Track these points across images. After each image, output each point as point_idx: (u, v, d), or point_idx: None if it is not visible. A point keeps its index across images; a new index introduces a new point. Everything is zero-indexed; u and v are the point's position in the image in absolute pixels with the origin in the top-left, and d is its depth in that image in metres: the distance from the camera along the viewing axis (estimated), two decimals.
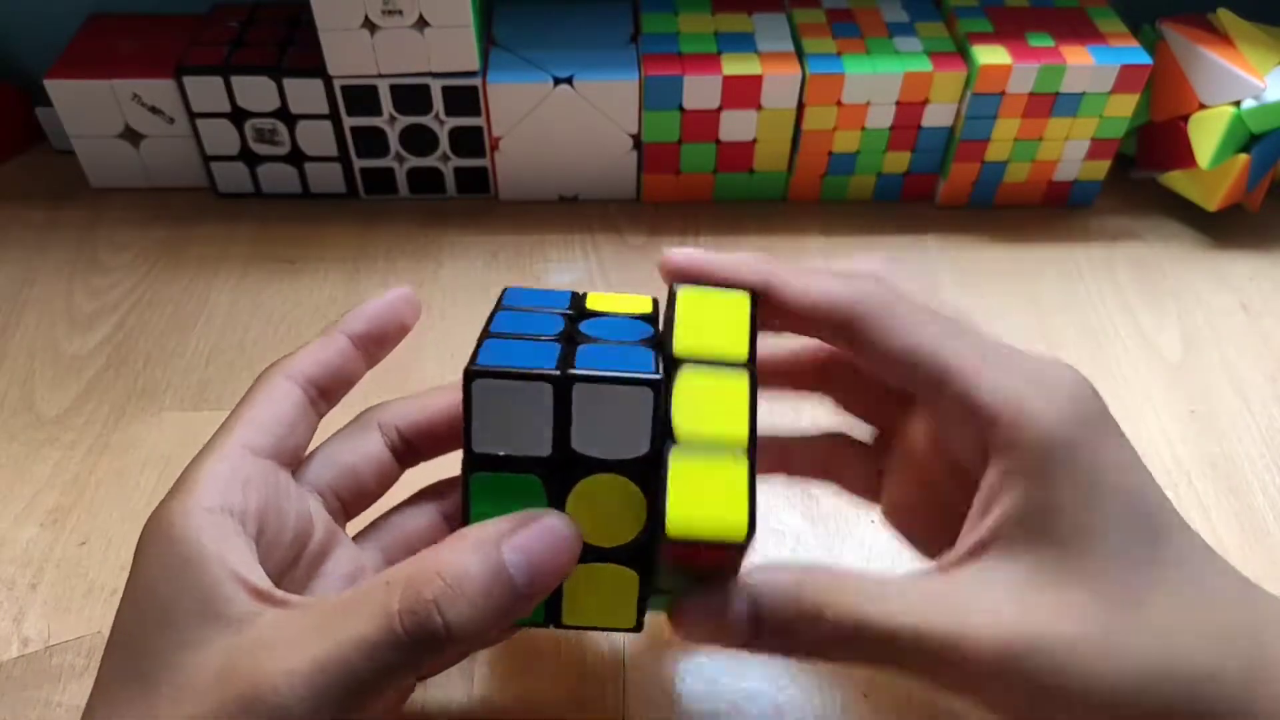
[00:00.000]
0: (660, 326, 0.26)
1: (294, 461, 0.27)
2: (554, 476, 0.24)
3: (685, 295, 0.25)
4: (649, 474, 0.23)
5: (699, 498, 0.23)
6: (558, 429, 0.23)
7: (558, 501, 0.24)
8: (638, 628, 0.26)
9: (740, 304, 0.25)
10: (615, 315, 0.27)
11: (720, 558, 0.23)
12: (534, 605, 0.23)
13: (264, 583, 0.23)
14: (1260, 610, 0.23)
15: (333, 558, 0.27)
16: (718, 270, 0.26)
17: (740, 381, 0.24)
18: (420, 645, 0.21)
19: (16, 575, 0.35)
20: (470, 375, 0.23)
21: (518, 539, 0.22)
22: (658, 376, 0.23)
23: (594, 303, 0.28)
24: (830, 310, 0.25)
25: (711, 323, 0.25)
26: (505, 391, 0.23)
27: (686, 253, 0.27)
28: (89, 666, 0.32)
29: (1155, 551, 0.23)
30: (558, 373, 0.23)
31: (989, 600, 0.23)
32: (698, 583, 0.24)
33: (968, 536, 0.24)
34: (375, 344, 0.29)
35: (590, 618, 0.25)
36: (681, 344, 0.24)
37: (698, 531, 0.22)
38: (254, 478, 0.25)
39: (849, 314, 0.25)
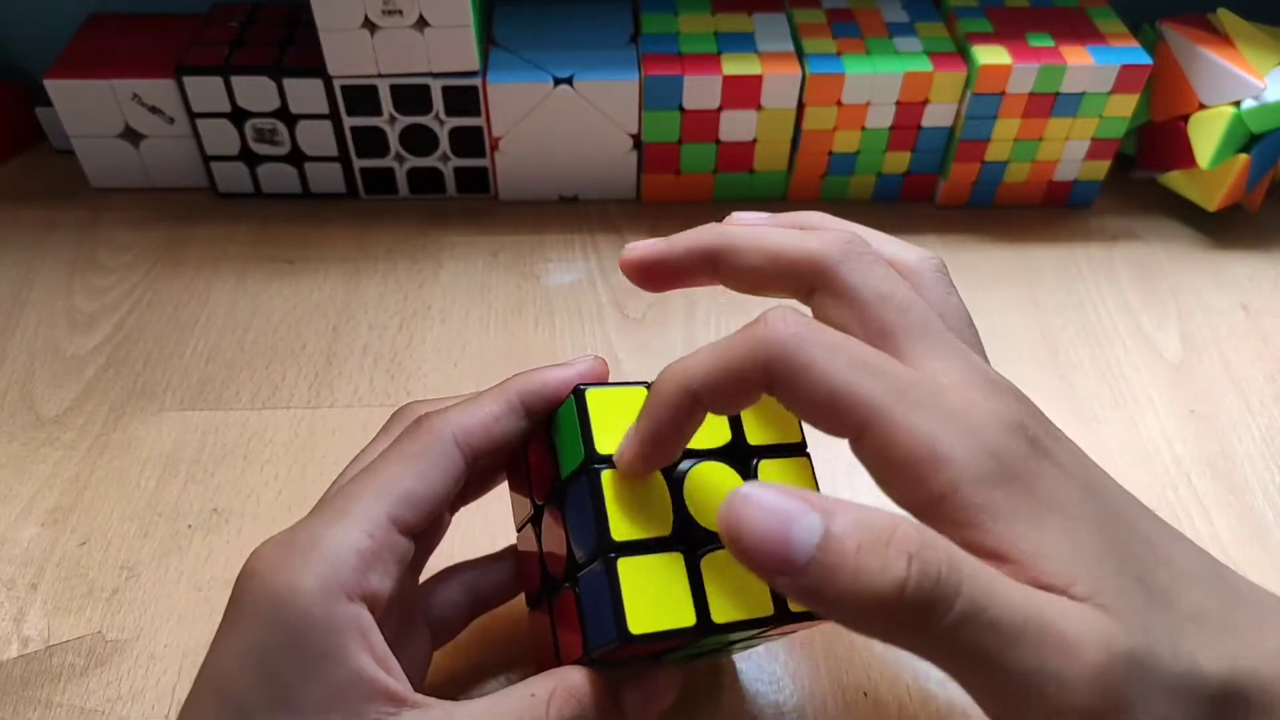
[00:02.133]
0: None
1: (432, 531, 0.26)
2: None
3: (593, 396, 0.26)
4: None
5: None
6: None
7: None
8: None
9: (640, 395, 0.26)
10: None
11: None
12: None
13: (398, 684, 0.22)
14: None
15: (413, 639, 0.27)
16: (676, 254, 0.26)
17: (804, 462, 0.27)
18: None
19: (16, 575, 0.35)
20: (624, 639, 0.23)
21: (638, 684, 0.25)
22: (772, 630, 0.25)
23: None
24: (786, 270, 0.24)
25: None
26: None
27: (643, 248, 0.26)
28: (89, 666, 0.32)
29: (1156, 568, 0.21)
30: (697, 626, 0.24)
31: (1075, 608, 0.20)
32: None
33: None
34: (543, 412, 0.27)
35: None
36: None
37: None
38: (391, 558, 0.23)
39: (807, 276, 0.24)
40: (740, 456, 0.26)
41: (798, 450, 0.27)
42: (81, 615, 0.34)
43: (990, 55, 0.46)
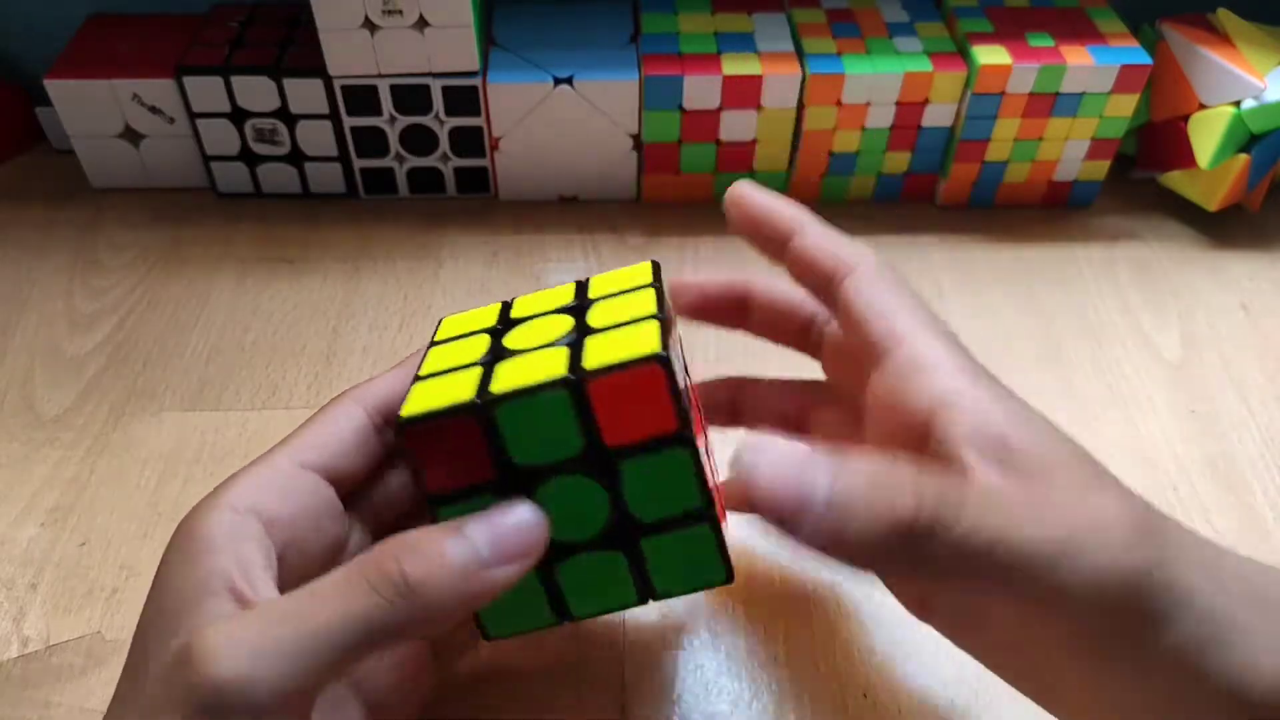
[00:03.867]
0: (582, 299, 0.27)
1: (347, 483, 0.26)
2: (509, 492, 0.24)
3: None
4: (595, 467, 0.24)
5: (610, 347, 0.23)
6: (495, 451, 0.24)
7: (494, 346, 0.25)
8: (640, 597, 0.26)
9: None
10: (540, 314, 0.27)
11: (646, 404, 0.23)
12: (504, 578, 0.23)
13: (252, 589, 0.23)
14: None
15: None
16: (765, 209, 0.28)
17: (647, 294, 0.26)
18: (385, 600, 0.21)
19: (16, 575, 0.35)
20: (399, 427, 0.24)
21: (481, 517, 0.23)
22: (572, 377, 0.23)
23: (520, 307, 0.28)
24: (830, 259, 0.27)
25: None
26: (439, 431, 0.23)
27: (746, 193, 0.29)
28: (89, 666, 0.32)
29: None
30: (479, 401, 0.23)
31: (1069, 481, 0.22)
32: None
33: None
34: None
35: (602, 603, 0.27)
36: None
37: (613, 359, 0.23)
38: (293, 488, 0.25)
39: (850, 265, 0.27)
40: (579, 312, 0.26)
41: (647, 287, 0.26)
42: (81, 615, 0.34)
43: (990, 55, 0.46)
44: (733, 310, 0.31)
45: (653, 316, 0.24)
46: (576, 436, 0.23)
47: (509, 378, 0.23)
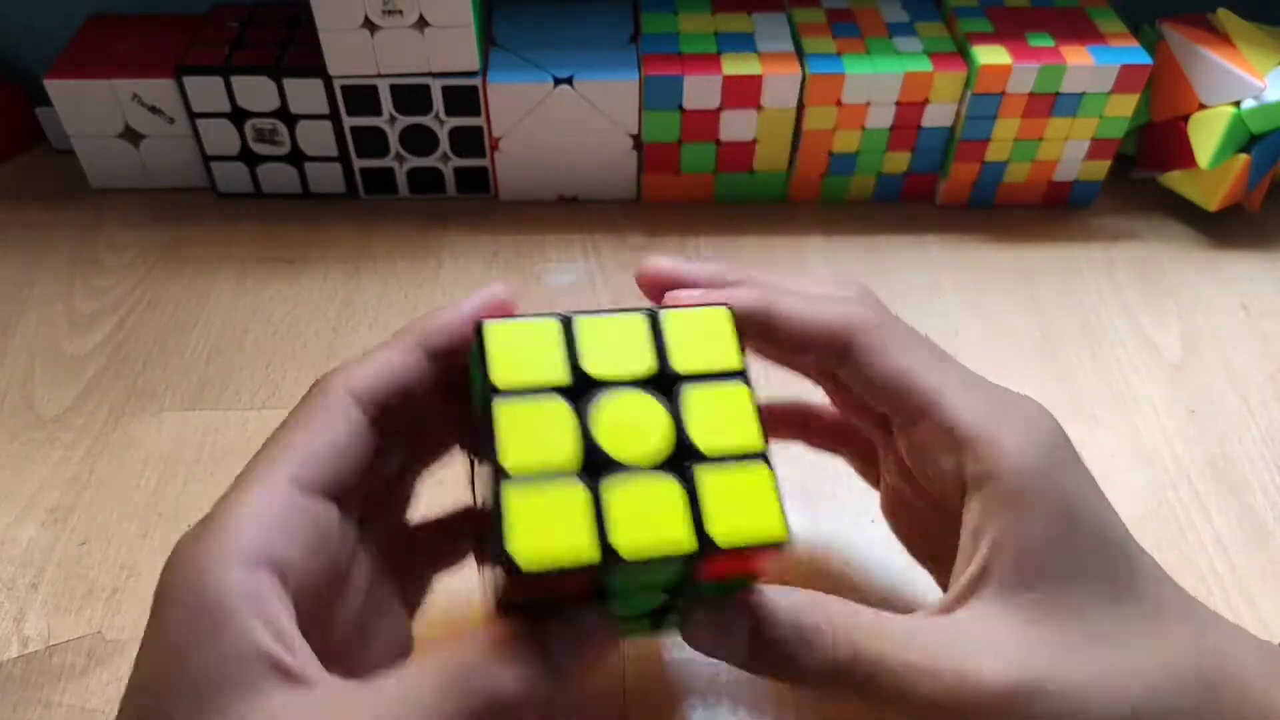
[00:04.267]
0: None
1: (350, 493, 0.24)
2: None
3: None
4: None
5: (733, 507, 0.22)
6: (596, 589, 0.23)
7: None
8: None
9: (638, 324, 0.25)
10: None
11: (754, 565, 0.23)
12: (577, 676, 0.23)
13: (290, 658, 0.21)
14: (1222, 644, 0.24)
15: (384, 619, 0.26)
16: (699, 282, 0.27)
17: (741, 391, 0.24)
18: None
19: (16, 575, 0.35)
20: (510, 569, 0.21)
21: (567, 636, 0.22)
22: (697, 551, 0.22)
23: (591, 353, 0.24)
24: (827, 331, 0.26)
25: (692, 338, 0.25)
26: (552, 577, 0.22)
27: (661, 265, 0.27)
28: (89, 666, 0.32)
29: (1130, 589, 0.24)
30: (603, 563, 0.21)
31: (991, 640, 0.23)
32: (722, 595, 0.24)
33: (960, 574, 0.24)
34: (455, 357, 0.25)
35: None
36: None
37: (741, 539, 0.22)
38: (298, 524, 0.22)
39: (846, 335, 0.26)
40: (667, 385, 0.23)
41: (735, 377, 0.24)
42: (81, 615, 0.34)
43: (990, 55, 0.46)
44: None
45: (760, 456, 0.23)
46: (678, 578, 0.23)
47: (627, 527, 0.22)
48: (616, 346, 0.24)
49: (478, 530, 0.27)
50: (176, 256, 0.48)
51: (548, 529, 0.21)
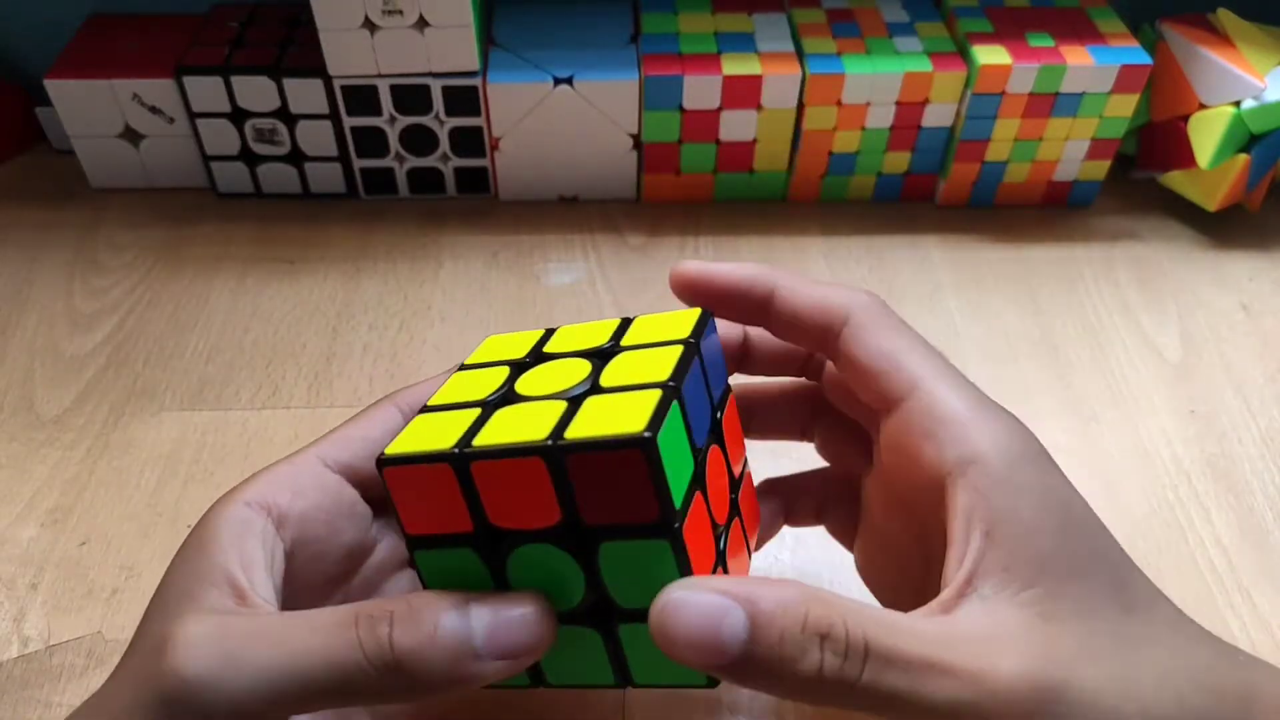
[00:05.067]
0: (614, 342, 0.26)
1: (376, 485, 0.25)
2: (486, 549, 0.23)
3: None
4: (572, 541, 0.22)
5: (602, 416, 0.22)
6: (472, 506, 0.22)
7: (499, 573, 0.23)
8: (621, 684, 0.25)
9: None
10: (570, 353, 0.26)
11: (628, 485, 0.21)
12: (493, 673, 0.22)
13: (252, 586, 0.22)
14: (1239, 663, 0.23)
15: (393, 581, 0.27)
16: (724, 279, 0.26)
17: (674, 351, 0.24)
18: (366, 657, 0.21)
19: (16, 575, 0.35)
20: (380, 465, 0.23)
21: (488, 603, 0.22)
22: (549, 445, 0.21)
23: (558, 340, 0.26)
24: (825, 307, 0.26)
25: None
26: (416, 475, 0.22)
27: (696, 265, 0.27)
28: (89, 666, 0.32)
29: (1132, 593, 0.22)
30: (456, 451, 0.22)
31: (1006, 636, 0.21)
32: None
33: (955, 568, 0.23)
34: None
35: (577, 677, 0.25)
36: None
37: (594, 432, 0.21)
38: (311, 486, 0.25)
39: (842, 312, 0.25)
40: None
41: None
42: (82, 615, 0.34)
43: (990, 55, 0.46)
44: (752, 311, 0.28)
45: (660, 385, 0.22)
46: (554, 506, 0.22)
47: (498, 430, 0.22)
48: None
49: None
50: (176, 256, 0.48)
51: (426, 435, 0.23)
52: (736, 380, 0.28)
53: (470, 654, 0.21)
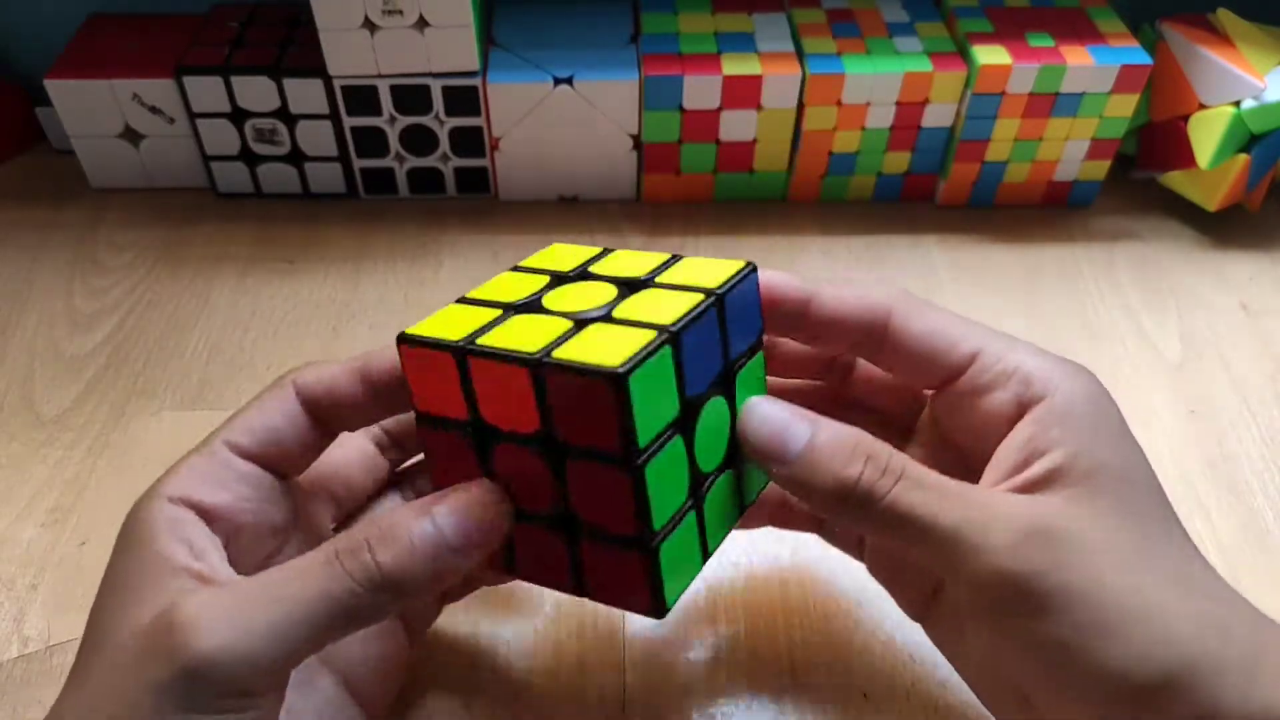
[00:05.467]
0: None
1: (287, 467, 0.27)
2: (476, 439, 0.25)
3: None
4: (547, 449, 0.24)
5: (591, 348, 0.23)
6: (468, 397, 0.24)
7: (485, 464, 0.25)
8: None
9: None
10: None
11: (598, 413, 0.22)
12: (470, 559, 0.24)
13: (210, 569, 0.23)
14: (1258, 620, 0.23)
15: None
16: (768, 287, 0.27)
17: (695, 296, 0.25)
18: (357, 584, 0.22)
19: (16, 575, 0.35)
20: (398, 341, 0.25)
21: (446, 500, 0.24)
22: (533, 358, 0.23)
23: (607, 264, 0.28)
24: (866, 309, 0.27)
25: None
26: (424, 358, 0.25)
27: None
28: None
29: (1183, 542, 0.24)
30: (458, 344, 0.24)
31: (1029, 498, 0.24)
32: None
33: (1014, 472, 0.24)
34: (391, 395, 0.27)
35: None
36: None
37: (574, 360, 0.22)
38: (228, 477, 0.25)
39: (884, 311, 0.27)
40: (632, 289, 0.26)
41: (700, 290, 0.25)
42: (82, 615, 0.33)
43: (990, 55, 0.46)
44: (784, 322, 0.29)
45: (659, 328, 0.23)
46: (534, 416, 0.23)
47: (504, 334, 0.24)
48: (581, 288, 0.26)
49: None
50: (176, 256, 0.48)
51: (447, 324, 0.25)
52: None
53: (446, 550, 0.23)
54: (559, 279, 0.27)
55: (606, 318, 0.24)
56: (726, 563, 0.35)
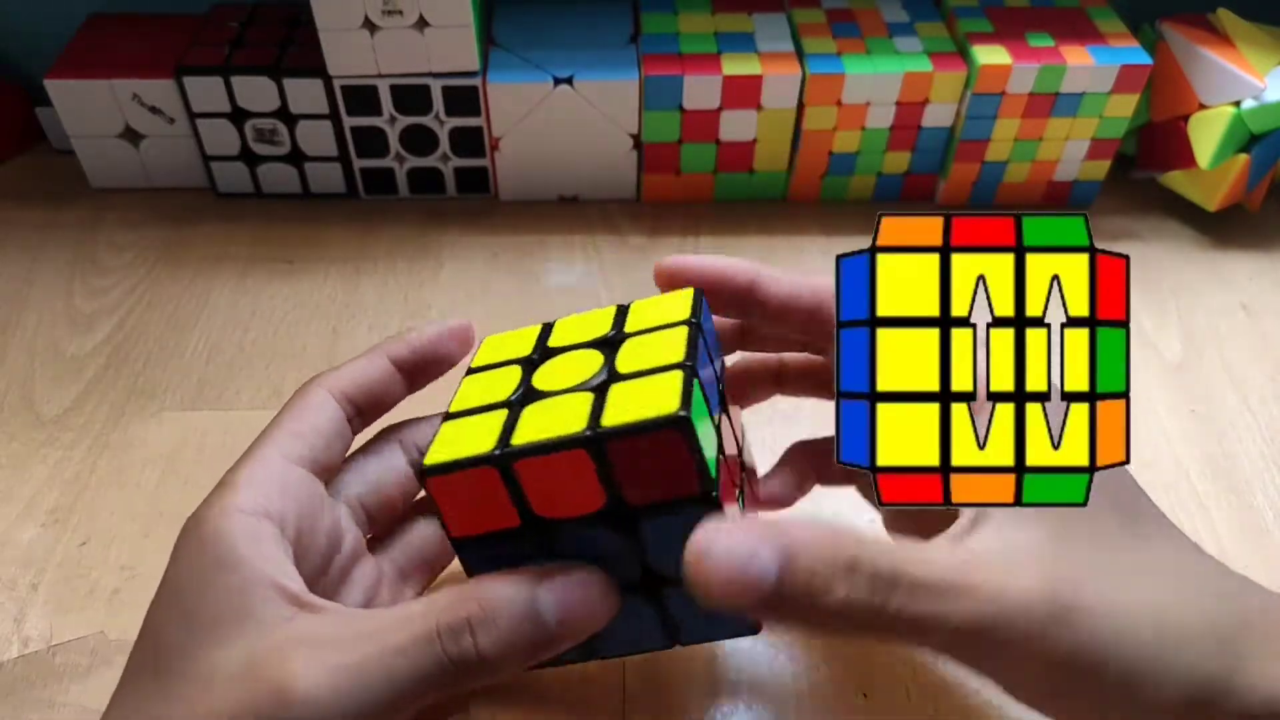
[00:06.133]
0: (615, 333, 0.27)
1: (328, 474, 0.27)
2: (533, 540, 0.24)
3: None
4: (618, 519, 0.23)
5: (632, 402, 0.23)
6: (518, 502, 0.23)
7: (550, 553, 0.24)
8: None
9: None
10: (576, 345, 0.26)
11: (670, 464, 0.22)
12: (566, 646, 0.23)
13: (298, 587, 0.23)
14: (1244, 587, 0.24)
15: (359, 567, 0.28)
16: (708, 271, 0.28)
17: (680, 332, 0.25)
18: (453, 664, 0.22)
19: (17, 575, 0.35)
20: (421, 474, 0.23)
21: (552, 582, 0.23)
22: (590, 435, 0.22)
23: (560, 333, 0.27)
24: (816, 288, 0.27)
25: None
26: (460, 481, 0.23)
27: (675, 258, 0.28)
28: (91, 666, 0.32)
29: (1141, 522, 0.24)
30: (498, 453, 0.23)
31: (1022, 555, 0.22)
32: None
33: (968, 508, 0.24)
34: (418, 372, 0.29)
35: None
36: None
37: (632, 417, 0.22)
38: (291, 485, 0.25)
39: (829, 294, 0.25)
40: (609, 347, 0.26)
41: (680, 324, 0.25)
42: (83, 615, 0.34)
43: (990, 55, 0.46)
44: (736, 301, 0.29)
45: (679, 366, 0.23)
46: (598, 492, 0.23)
47: (532, 428, 0.23)
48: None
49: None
50: (176, 256, 0.48)
51: (461, 441, 0.23)
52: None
53: (546, 636, 0.23)
54: (529, 363, 0.26)
55: (615, 376, 0.24)
56: None
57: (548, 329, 0.28)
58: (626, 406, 0.22)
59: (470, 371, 0.27)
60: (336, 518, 0.27)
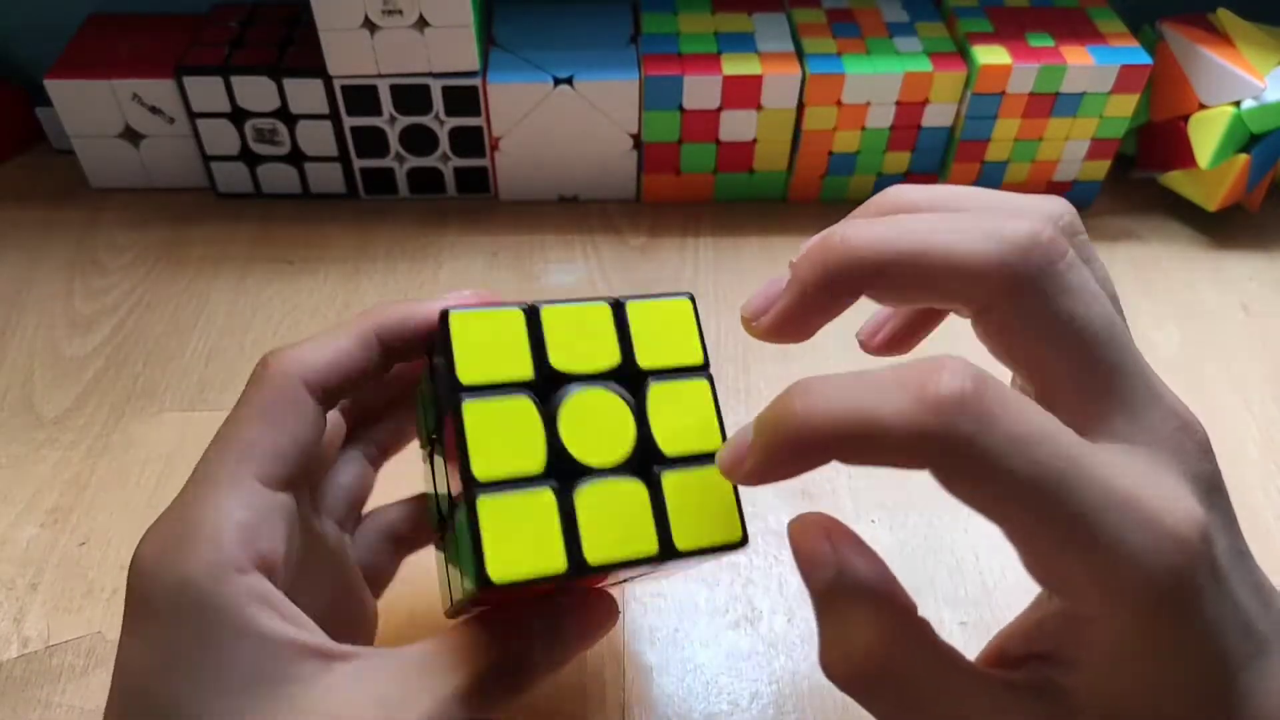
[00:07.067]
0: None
1: (310, 479, 0.26)
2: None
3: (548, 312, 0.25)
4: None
5: (693, 512, 0.23)
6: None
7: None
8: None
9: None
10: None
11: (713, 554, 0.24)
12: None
13: (317, 638, 0.22)
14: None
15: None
16: (811, 300, 0.22)
17: (702, 386, 0.25)
18: (499, 695, 0.23)
19: (16, 575, 0.35)
20: (481, 580, 0.21)
21: (564, 625, 0.24)
22: (663, 558, 0.23)
23: (555, 345, 0.25)
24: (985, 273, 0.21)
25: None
26: (525, 585, 0.22)
27: (771, 313, 0.23)
28: (89, 667, 0.32)
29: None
30: (571, 567, 0.22)
31: None
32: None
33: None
34: (395, 353, 0.26)
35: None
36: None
37: (702, 543, 0.23)
38: (272, 518, 0.22)
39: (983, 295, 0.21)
40: (630, 379, 0.24)
41: (698, 372, 0.25)
42: (82, 615, 0.34)
43: (990, 55, 0.46)
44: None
45: (719, 435, 0.24)
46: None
47: (596, 532, 0.22)
48: (581, 338, 0.24)
49: (440, 515, 0.27)
50: (176, 256, 0.48)
51: (519, 540, 0.22)
52: None
53: (566, 655, 0.24)
54: (541, 394, 0.24)
55: (660, 458, 0.24)
56: (727, 561, 0.35)
57: (535, 321, 0.24)
58: (692, 529, 0.23)
59: (466, 390, 0.23)
60: (306, 523, 0.25)
